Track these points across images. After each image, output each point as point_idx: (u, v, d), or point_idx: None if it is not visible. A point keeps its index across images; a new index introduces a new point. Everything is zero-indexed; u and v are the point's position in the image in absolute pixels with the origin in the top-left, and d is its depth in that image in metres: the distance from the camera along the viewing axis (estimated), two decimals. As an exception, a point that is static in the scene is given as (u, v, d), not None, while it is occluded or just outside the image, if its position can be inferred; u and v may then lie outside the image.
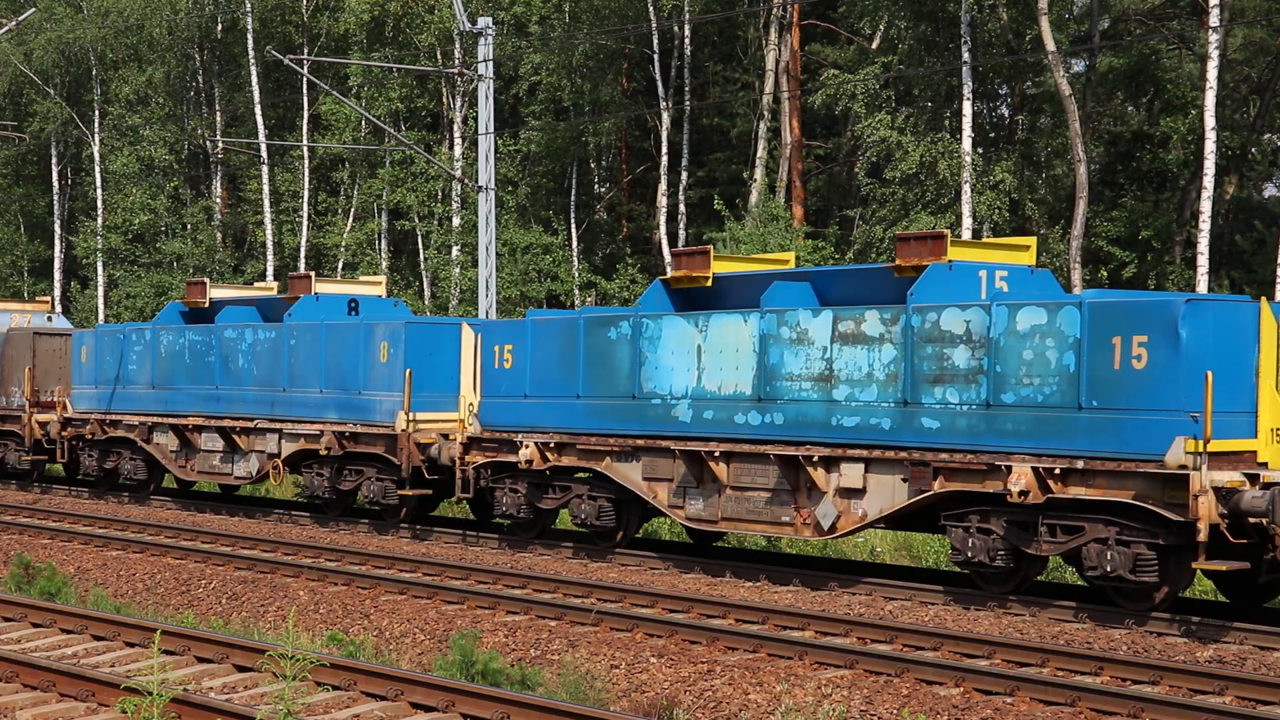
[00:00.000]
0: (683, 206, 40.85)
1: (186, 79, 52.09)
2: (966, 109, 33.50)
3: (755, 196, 39.24)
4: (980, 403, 15.74)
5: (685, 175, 41.10)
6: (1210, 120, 29.96)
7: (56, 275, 55.96)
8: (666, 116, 40.45)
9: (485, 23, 31.72)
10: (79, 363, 28.61)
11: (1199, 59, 34.51)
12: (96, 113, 53.59)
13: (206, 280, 27.63)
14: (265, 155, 48.08)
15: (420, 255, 45.60)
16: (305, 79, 45.42)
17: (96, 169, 52.90)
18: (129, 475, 27.65)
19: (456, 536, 21.71)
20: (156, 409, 26.70)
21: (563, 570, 18.48)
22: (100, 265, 52.00)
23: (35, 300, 37.66)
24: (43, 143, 55.18)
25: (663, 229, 41.07)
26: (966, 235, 33.05)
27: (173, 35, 50.51)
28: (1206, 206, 29.88)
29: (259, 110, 47.94)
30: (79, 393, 28.54)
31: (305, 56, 41.51)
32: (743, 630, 14.16)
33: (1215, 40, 30.31)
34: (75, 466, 29.33)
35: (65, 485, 30.46)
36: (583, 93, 42.13)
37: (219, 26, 50.87)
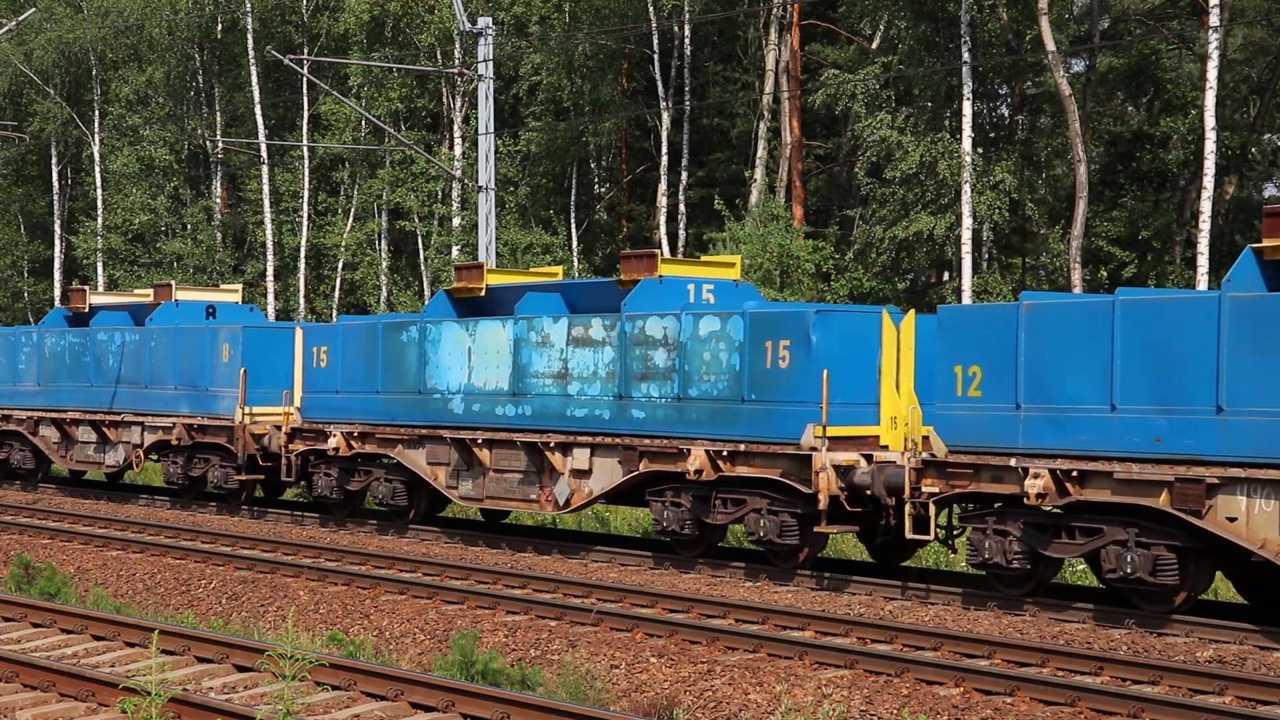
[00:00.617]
0: (683, 206, 40.85)
1: (186, 79, 52.09)
2: (966, 109, 33.50)
3: (755, 196, 39.24)
4: (674, 396, 18.72)
5: (685, 175, 41.10)
6: (1210, 120, 29.95)
7: (56, 275, 55.95)
8: (666, 116, 40.45)
9: (485, 23, 31.74)
10: None
11: (1199, 59, 34.52)
12: (96, 113, 53.60)
13: (86, 288, 30.44)
14: (265, 155, 48.09)
15: (420, 255, 45.60)
16: (305, 79, 45.43)
17: (96, 169, 52.91)
18: (19, 465, 30.42)
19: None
20: (41, 405, 29.33)
21: (562, 570, 18.49)
22: (100, 265, 52.00)
23: None
24: (43, 143, 55.19)
25: (663, 229, 41.08)
26: (967, 235, 33.08)
27: (173, 35, 50.51)
28: (1206, 206, 29.88)
29: (259, 110, 47.95)
30: None
31: (305, 56, 41.53)
32: (743, 630, 14.16)
33: (1215, 40, 30.31)
34: None
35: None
36: (583, 93, 42.13)
37: (219, 26, 50.87)
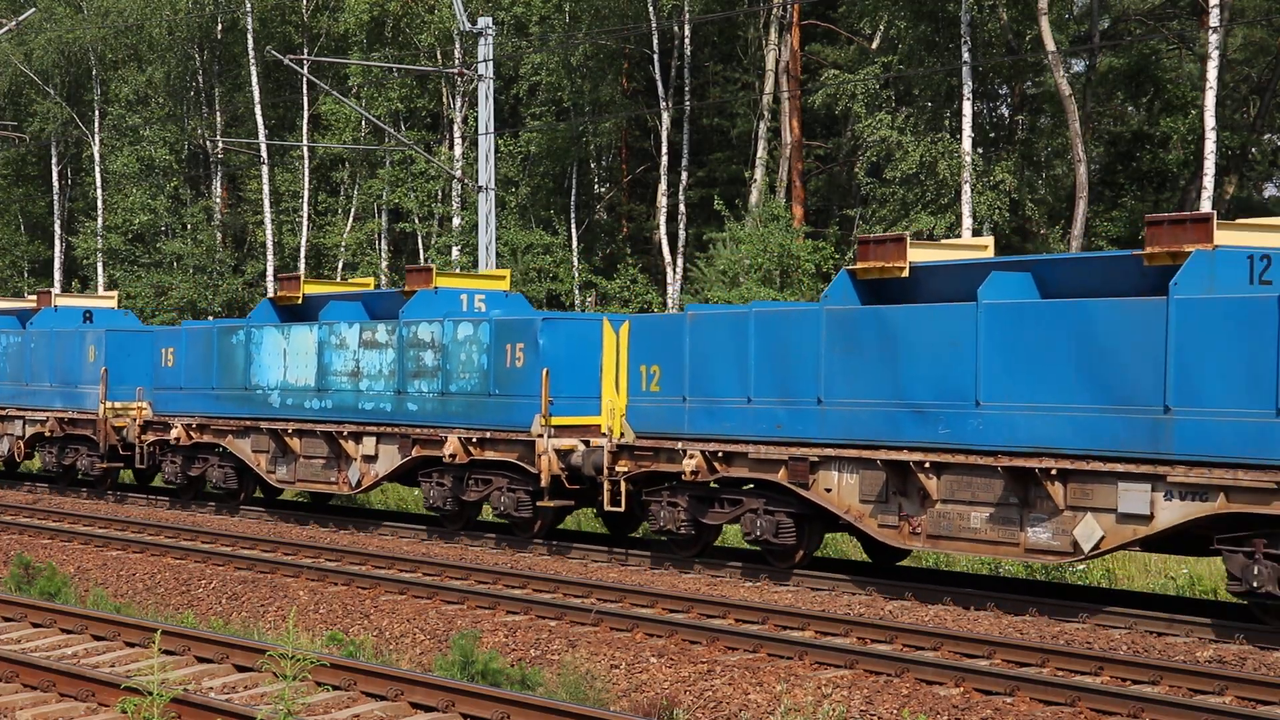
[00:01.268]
0: (683, 206, 40.84)
1: (186, 79, 52.08)
2: (966, 109, 33.50)
3: (755, 196, 39.23)
4: (439, 391, 21.67)
5: (685, 175, 41.09)
6: (1210, 120, 29.96)
7: (56, 275, 55.96)
8: (666, 116, 40.45)
9: (485, 23, 31.73)
10: None
11: (1199, 59, 34.52)
12: (96, 113, 53.60)
13: None
14: (265, 155, 48.09)
15: (420, 255, 45.59)
16: (305, 79, 45.44)
17: (96, 169, 52.91)
18: None
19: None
20: None
21: (561, 570, 18.50)
22: (100, 265, 52.01)
23: None
24: (43, 143, 55.19)
25: (663, 229, 41.08)
26: (967, 235, 33.07)
27: (173, 35, 50.51)
28: (1206, 206, 29.88)
29: (259, 110, 47.95)
30: None
31: (305, 56, 41.54)
32: (743, 630, 14.16)
33: (1215, 40, 30.31)
34: None
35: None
36: (583, 93, 42.12)
37: (219, 26, 50.87)
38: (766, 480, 17.57)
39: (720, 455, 17.91)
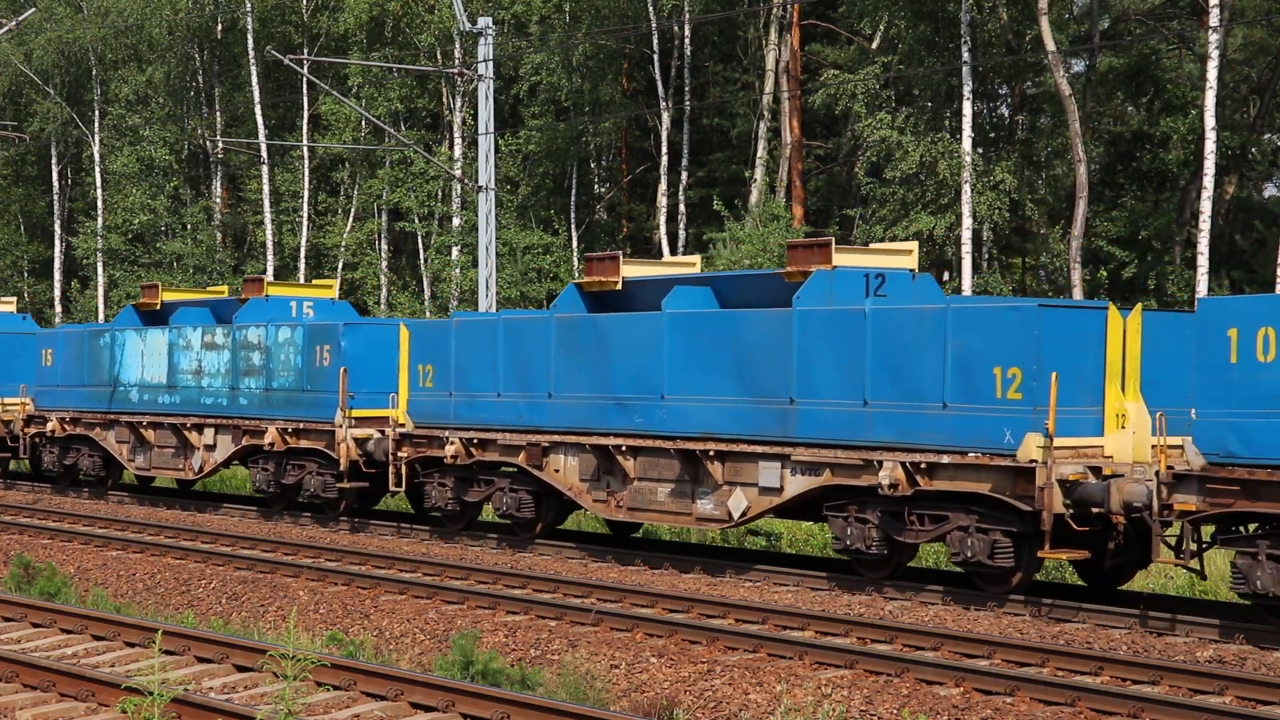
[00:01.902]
0: (683, 206, 40.85)
1: (186, 79, 52.07)
2: (966, 109, 33.50)
3: (755, 196, 39.23)
4: (264, 388, 24.62)
5: (685, 175, 41.09)
6: (1210, 120, 29.96)
7: (56, 275, 55.96)
8: (666, 116, 40.45)
9: (485, 23, 31.72)
10: None
11: (1199, 59, 34.52)
12: (96, 113, 53.59)
13: None
14: (265, 155, 48.08)
15: (420, 255, 45.60)
16: (305, 79, 45.43)
17: (96, 169, 52.90)
18: None
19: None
20: None
21: (562, 570, 18.50)
22: (100, 265, 52.01)
23: None
24: (43, 143, 55.18)
25: (663, 229, 41.07)
26: (967, 235, 33.10)
27: (173, 35, 50.50)
28: (1206, 206, 29.89)
29: (259, 110, 47.94)
30: None
31: (305, 56, 41.52)
32: (743, 630, 14.16)
33: (1215, 40, 30.31)
34: None
35: None
36: (583, 93, 42.11)
37: (219, 26, 50.85)
38: (512, 463, 20.50)
39: (476, 442, 20.92)
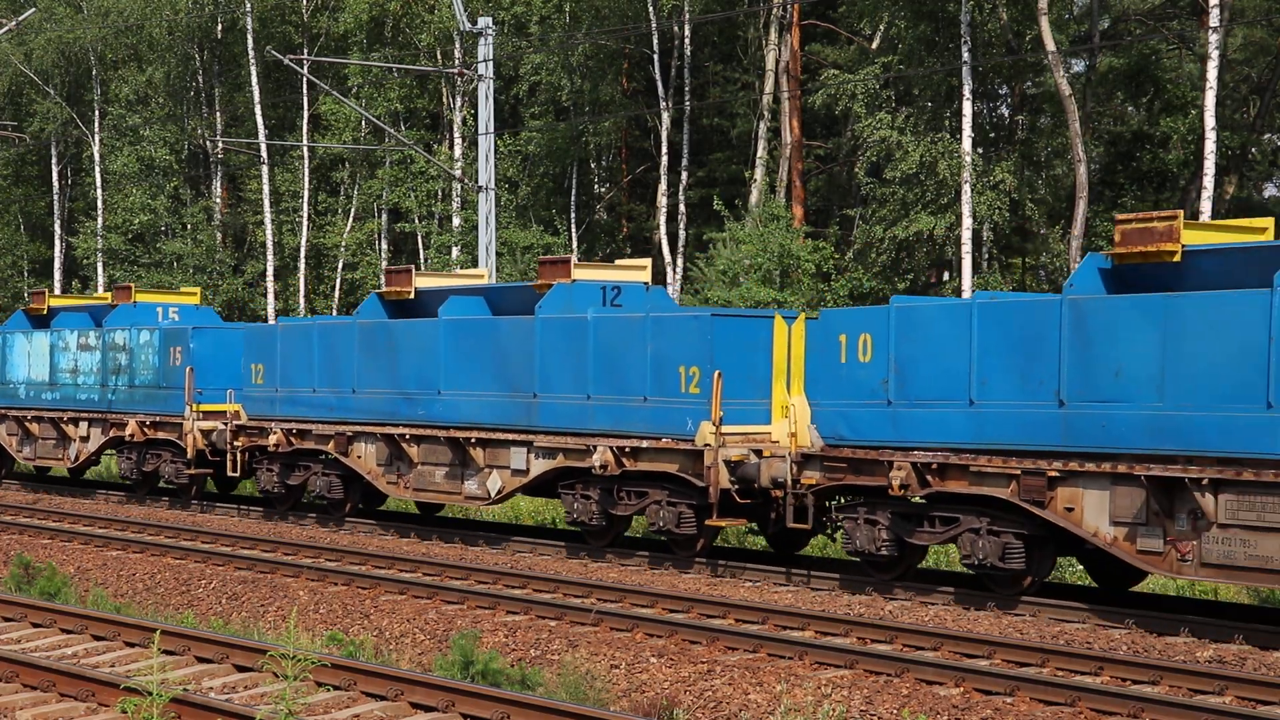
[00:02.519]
0: (683, 206, 40.84)
1: (186, 79, 52.06)
2: (966, 109, 33.49)
3: (755, 196, 39.22)
4: (128, 385, 27.18)
5: (685, 175, 41.08)
6: (1210, 120, 29.95)
7: (56, 275, 55.95)
8: (666, 116, 40.44)
9: (485, 23, 31.72)
10: None
11: (1199, 59, 34.51)
12: (96, 113, 53.58)
13: None
14: (265, 155, 48.07)
15: (420, 255, 45.59)
16: (305, 79, 45.42)
17: (96, 169, 52.89)
18: None
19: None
20: None
21: (562, 570, 18.50)
22: (100, 265, 51.99)
23: None
24: (43, 143, 55.18)
25: (663, 229, 41.07)
26: (967, 235, 33.08)
27: (173, 35, 50.49)
28: (1206, 206, 29.87)
29: (259, 110, 47.94)
30: None
31: (305, 56, 41.52)
32: (743, 630, 14.16)
33: (1215, 40, 30.30)
34: None
35: None
36: (583, 93, 42.11)
37: (219, 26, 50.84)
38: (325, 450, 23.36)
39: (295, 431, 23.85)
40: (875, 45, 38.99)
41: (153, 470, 27.13)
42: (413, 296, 22.94)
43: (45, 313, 30.74)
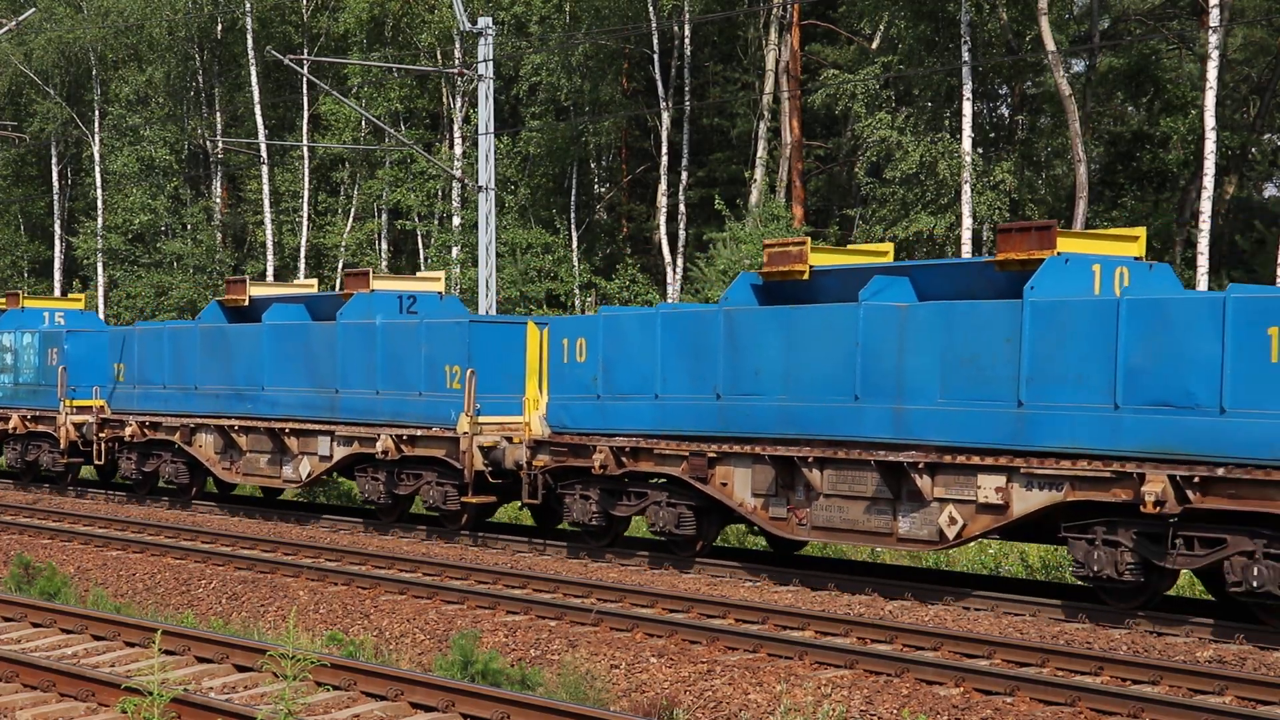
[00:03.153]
0: (683, 206, 40.84)
1: (186, 79, 52.08)
2: (966, 109, 33.50)
3: (755, 196, 39.23)
4: (14, 383, 30.06)
5: (685, 175, 41.08)
6: (1210, 120, 29.95)
7: (56, 275, 55.95)
8: (666, 116, 40.44)
9: (485, 23, 31.71)
10: None
11: (1199, 59, 34.52)
12: (96, 113, 53.59)
13: None
14: (265, 155, 48.08)
15: (420, 255, 45.58)
16: (305, 79, 45.42)
17: (96, 169, 52.90)
18: None
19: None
20: None
21: (562, 570, 18.50)
22: (100, 265, 52.00)
23: None
24: (43, 143, 55.19)
25: (663, 229, 41.07)
26: (967, 235, 33.09)
27: (173, 35, 50.50)
28: (1206, 206, 29.87)
29: (259, 110, 47.94)
30: None
31: (305, 56, 41.50)
32: (743, 630, 14.15)
33: (1215, 40, 30.30)
34: None
35: None
36: (583, 93, 42.11)
37: (219, 26, 50.85)
38: (171, 440, 26.40)
39: (149, 424, 26.91)
40: (875, 45, 39.00)
41: (34, 459, 29.86)
42: (247, 304, 25.67)
43: None
